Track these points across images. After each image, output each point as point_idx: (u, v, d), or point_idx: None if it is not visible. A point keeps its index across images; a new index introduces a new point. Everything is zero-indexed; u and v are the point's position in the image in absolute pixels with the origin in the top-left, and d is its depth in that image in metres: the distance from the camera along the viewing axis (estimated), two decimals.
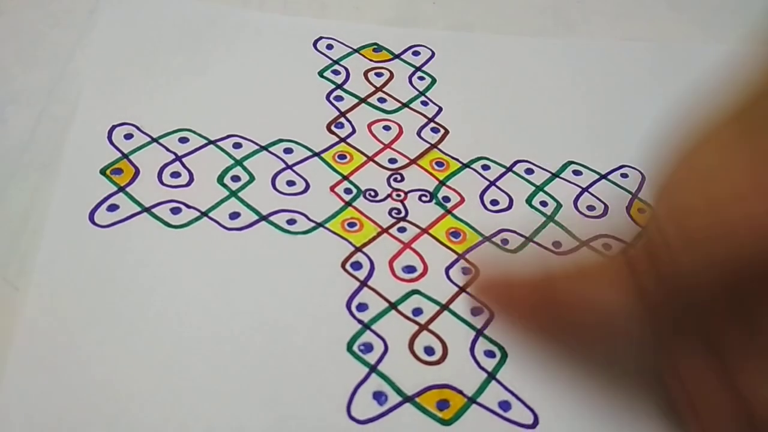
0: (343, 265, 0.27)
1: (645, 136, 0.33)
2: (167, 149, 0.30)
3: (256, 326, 0.25)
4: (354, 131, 0.31)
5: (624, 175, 0.31)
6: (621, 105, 0.34)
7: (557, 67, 0.35)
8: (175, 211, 0.28)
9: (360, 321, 0.26)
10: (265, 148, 0.30)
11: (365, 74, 0.34)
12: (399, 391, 0.24)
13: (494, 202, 0.30)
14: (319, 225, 0.28)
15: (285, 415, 0.23)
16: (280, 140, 0.31)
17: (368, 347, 0.25)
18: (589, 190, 0.31)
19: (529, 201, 0.30)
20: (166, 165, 0.29)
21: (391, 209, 0.29)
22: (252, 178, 0.29)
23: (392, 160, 0.31)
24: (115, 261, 0.26)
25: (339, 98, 0.33)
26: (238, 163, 0.30)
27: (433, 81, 0.34)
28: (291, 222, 0.28)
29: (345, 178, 0.30)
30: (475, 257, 0.27)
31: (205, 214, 0.28)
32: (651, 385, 0.23)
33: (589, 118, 0.33)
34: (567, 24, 0.38)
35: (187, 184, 0.29)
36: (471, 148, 0.31)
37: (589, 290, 0.21)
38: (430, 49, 0.35)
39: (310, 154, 0.30)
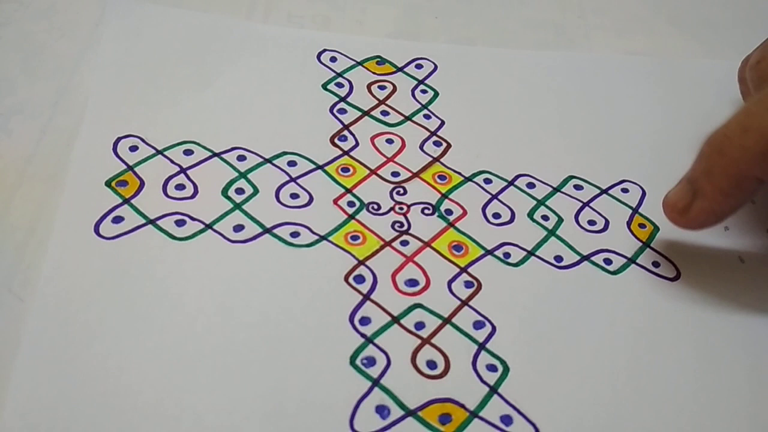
0: (346, 279, 0.27)
1: (645, 150, 0.33)
2: (172, 161, 0.30)
3: (259, 339, 0.25)
4: (357, 144, 0.32)
5: (624, 190, 0.31)
6: (621, 120, 0.34)
7: (558, 81, 0.35)
8: (180, 223, 0.28)
9: (363, 335, 0.26)
10: (269, 160, 0.31)
11: (368, 87, 0.34)
12: (401, 405, 0.24)
13: (496, 216, 0.30)
14: (323, 238, 0.28)
15: (288, 429, 0.24)
16: (284, 153, 0.31)
17: (371, 361, 0.25)
18: (590, 204, 0.31)
19: (530, 215, 0.30)
20: (170, 177, 0.29)
21: (394, 222, 0.29)
22: (256, 191, 0.29)
23: (395, 174, 0.31)
24: (119, 272, 0.26)
25: (342, 111, 0.33)
26: (243, 175, 0.30)
27: (436, 94, 0.34)
28: (294, 235, 0.28)
29: (348, 191, 0.30)
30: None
31: (209, 226, 0.28)
32: None
33: (589, 133, 0.33)
34: (568, 39, 0.38)
35: (192, 197, 0.29)
36: (473, 161, 0.32)
37: None
38: (433, 63, 0.36)
39: (313, 167, 0.31)
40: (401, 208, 0.30)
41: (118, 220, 0.28)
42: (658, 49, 0.38)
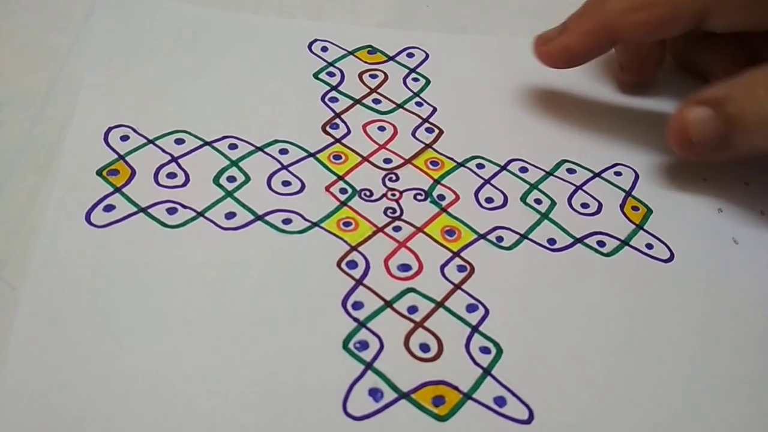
0: (338, 264, 0.27)
1: (639, 134, 0.33)
2: (163, 150, 0.30)
3: (252, 325, 0.25)
4: (349, 132, 0.32)
5: (617, 173, 0.31)
6: (613, 104, 0.34)
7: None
8: (171, 211, 0.28)
9: (355, 319, 0.26)
10: (260, 148, 0.30)
11: (360, 76, 0.34)
12: (395, 388, 0.24)
13: (489, 200, 0.30)
14: (315, 224, 0.28)
15: (281, 413, 0.24)
16: (276, 141, 0.31)
17: (364, 345, 0.25)
18: (583, 188, 0.31)
19: (523, 199, 0.30)
20: (162, 166, 0.29)
21: (386, 208, 0.29)
22: (247, 179, 0.29)
23: (387, 160, 0.31)
24: (111, 261, 0.26)
25: (334, 99, 0.33)
26: (234, 163, 0.30)
27: (428, 82, 0.34)
28: (287, 222, 0.28)
29: (340, 178, 0.30)
30: None
31: (201, 214, 0.28)
32: None
33: (582, 117, 0.33)
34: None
35: (183, 185, 0.29)
36: (465, 147, 0.32)
37: None
38: (424, 51, 0.35)
39: (305, 154, 0.31)
40: (393, 195, 0.30)
41: (109, 208, 0.28)
42: None
